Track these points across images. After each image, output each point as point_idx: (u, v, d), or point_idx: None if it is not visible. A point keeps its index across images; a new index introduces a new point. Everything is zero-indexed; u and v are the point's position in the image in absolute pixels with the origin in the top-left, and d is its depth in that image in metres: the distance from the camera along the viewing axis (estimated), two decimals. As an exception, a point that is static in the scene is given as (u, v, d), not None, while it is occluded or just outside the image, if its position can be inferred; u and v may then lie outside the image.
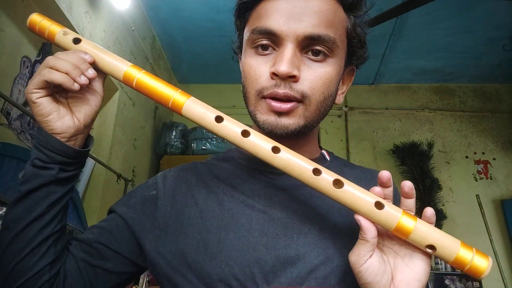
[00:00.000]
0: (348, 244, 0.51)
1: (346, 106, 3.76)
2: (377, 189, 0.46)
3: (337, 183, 0.45)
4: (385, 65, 3.50)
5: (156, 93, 0.51)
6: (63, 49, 0.56)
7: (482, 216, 3.19)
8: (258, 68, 0.54)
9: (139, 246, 0.57)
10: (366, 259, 0.44)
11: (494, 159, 3.46)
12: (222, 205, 0.55)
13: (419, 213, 0.47)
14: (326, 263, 0.50)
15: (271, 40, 0.53)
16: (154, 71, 3.22)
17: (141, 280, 1.96)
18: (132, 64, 0.53)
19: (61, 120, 0.51)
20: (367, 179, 0.62)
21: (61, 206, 0.53)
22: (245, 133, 0.47)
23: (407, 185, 0.45)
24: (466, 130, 3.58)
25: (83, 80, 0.50)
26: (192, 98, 0.51)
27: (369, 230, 0.44)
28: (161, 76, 3.40)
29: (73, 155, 0.53)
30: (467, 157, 3.49)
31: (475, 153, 3.49)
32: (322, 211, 0.54)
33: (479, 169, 3.44)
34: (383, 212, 0.44)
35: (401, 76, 3.70)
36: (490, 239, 3.12)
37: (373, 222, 0.44)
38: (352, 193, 0.45)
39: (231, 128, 0.48)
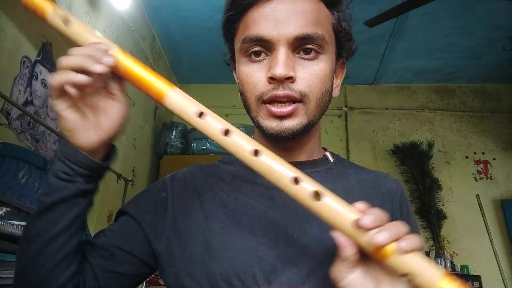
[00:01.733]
0: None
1: (346, 106, 3.77)
2: (360, 205, 0.43)
3: (316, 195, 0.42)
4: (385, 65, 3.50)
5: (143, 82, 0.48)
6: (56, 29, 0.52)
7: (482, 216, 3.19)
8: (254, 75, 0.55)
9: (151, 247, 0.58)
10: (346, 275, 0.42)
11: (494, 159, 3.46)
12: (226, 207, 0.56)
13: (419, 213, 0.45)
14: (327, 264, 0.49)
15: (263, 47, 0.54)
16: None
17: (141, 280, 1.96)
18: (121, 49, 0.50)
19: (85, 133, 0.50)
20: (371, 181, 0.61)
21: (84, 218, 0.53)
22: (226, 132, 0.46)
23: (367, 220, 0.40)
24: (466, 130, 3.58)
25: (99, 67, 0.46)
26: (177, 89, 0.48)
27: (347, 248, 0.42)
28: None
29: (97, 168, 0.52)
30: (467, 157, 3.49)
31: (475, 153, 3.50)
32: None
33: (479, 169, 3.44)
34: (362, 231, 0.40)
35: (401, 76, 3.71)
36: (490, 239, 3.12)
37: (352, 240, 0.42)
38: (331, 208, 0.42)
39: (213, 124, 0.46)
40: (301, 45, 0.54)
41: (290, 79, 0.52)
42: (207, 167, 0.64)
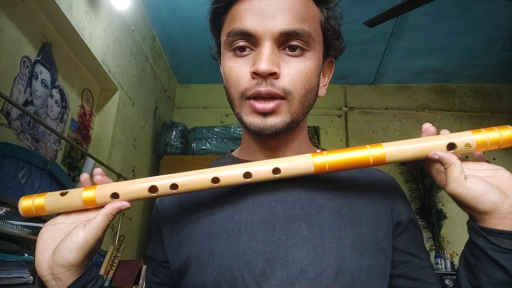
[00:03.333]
0: (338, 243, 0.51)
1: (346, 106, 3.77)
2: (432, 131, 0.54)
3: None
4: (385, 65, 3.50)
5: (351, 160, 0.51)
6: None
7: (482, 216, 3.18)
8: (238, 70, 0.54)
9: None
10: (464, 177, 0.47)
11: (494, 159, 3.46)
12: (213, 215, 0.56)
13: (419, 213, 0.46)
14: (316, 263, 0.50)
15: (248, 41, 0.53)
16: (154, 71, 3.23)
17: (141, 281, 1.96)
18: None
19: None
20: (365, 179, 0.61)
21: None
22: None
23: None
24: (466, 130, 3.58)
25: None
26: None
27: (448, 157, 0.48)
28: (161, 76, 3.41)
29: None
30: (467, 157, 3.48)
31: (475, 153, 3.49)
32: (311, 211, 0.54)
33: (479, 169, 3.44)
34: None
35: (401, 76, 3.71)
36: (490, 239, 3.12)
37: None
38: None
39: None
40: (287, 41, 0.52)
41: (274, 75, 0.51)
42: None
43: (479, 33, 2.99)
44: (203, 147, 3.19)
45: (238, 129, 3.21)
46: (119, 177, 2.43)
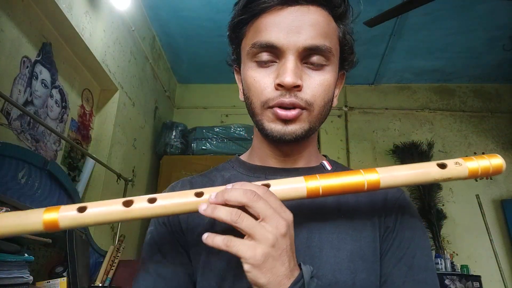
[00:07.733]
0: (335, 254, 0.52)
1: (346, 106, 3.76)
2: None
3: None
4: (385, 65, 3.50)
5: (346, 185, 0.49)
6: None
7: (482, 216, 3.19)
8: (262, 81, 0.56)
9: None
10: None
11: (494, 159, 3.46)
12: (214, 223, 0.57)
13: (419, 213, 0.45)
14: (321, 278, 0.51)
15: (272, 53, 0.56)
16: (154, 71, 3.23)
17: (141, 280, 1.96)
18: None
19: None
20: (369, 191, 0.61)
21: None
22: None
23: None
24: (466, 130, 3.58)
25: None
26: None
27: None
28: (161, 76, 3.41)
29: None
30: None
31: (475, 153, 3.49)
32: (312, 219, 0.55)
33: (479, 169, 3.44)
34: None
35: (401, 76, 3.71)
36: (490, 239, 3.12)
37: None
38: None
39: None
40: (309, 55, 0.55)
41: (297, 87, 0.54)
42: (200, 177, 0.66)
43: (479, 33, 2.99)
44: (203, 147, 3.19)
45: (238, 129, 3.21)
46: (119, 177, 2.43)
